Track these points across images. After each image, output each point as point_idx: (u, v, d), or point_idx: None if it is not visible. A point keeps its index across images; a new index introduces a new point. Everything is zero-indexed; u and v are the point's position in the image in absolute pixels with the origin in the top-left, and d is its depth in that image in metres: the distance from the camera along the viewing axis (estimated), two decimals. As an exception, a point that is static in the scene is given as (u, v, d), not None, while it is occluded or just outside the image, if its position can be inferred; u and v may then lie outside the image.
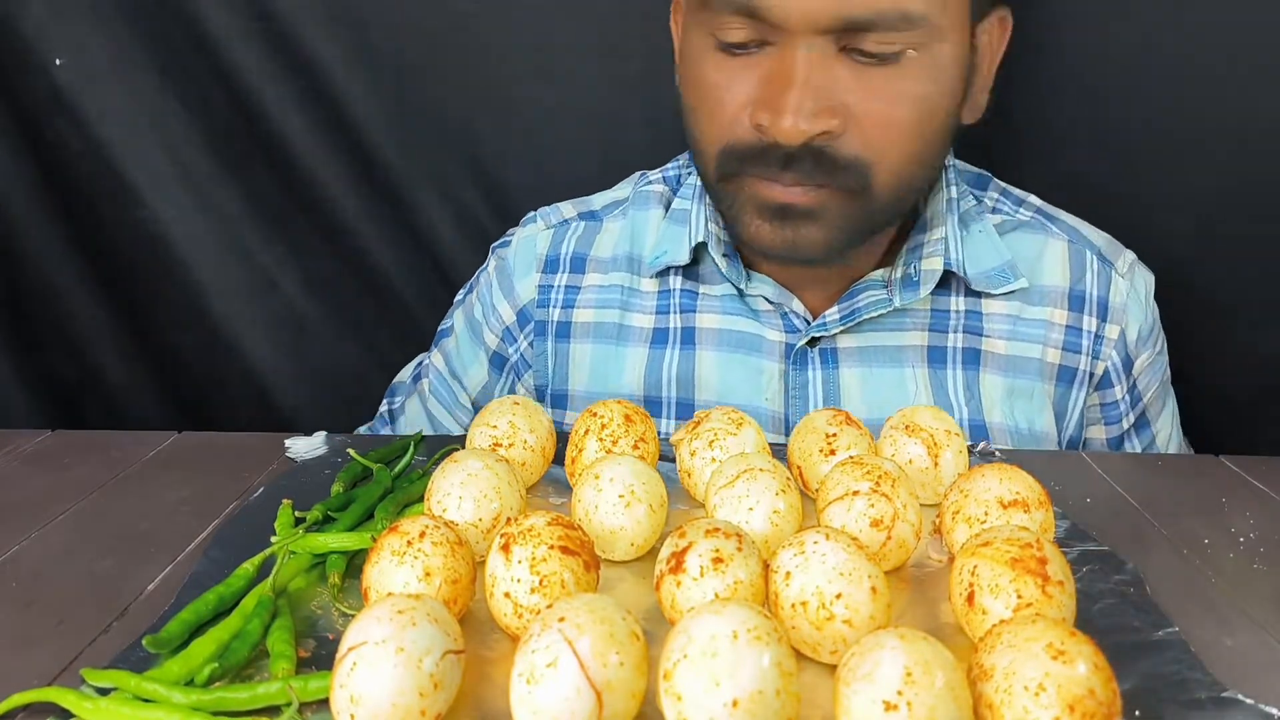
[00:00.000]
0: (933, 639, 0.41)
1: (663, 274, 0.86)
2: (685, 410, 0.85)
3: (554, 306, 0.88)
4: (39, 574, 0.56)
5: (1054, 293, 0.82)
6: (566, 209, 0.91)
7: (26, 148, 1.06)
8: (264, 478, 0.67)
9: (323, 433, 0.73)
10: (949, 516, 0.56)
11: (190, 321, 1.14)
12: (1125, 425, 0.85)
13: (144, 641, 0.46)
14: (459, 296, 0.95)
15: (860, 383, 0.82)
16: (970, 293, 0.82)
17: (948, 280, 0.81)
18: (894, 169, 0.72)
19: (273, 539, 0.57)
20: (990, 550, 0.48)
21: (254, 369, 1.15)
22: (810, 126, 0.68)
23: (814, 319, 0.82)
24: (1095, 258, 0.83)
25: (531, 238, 0.89)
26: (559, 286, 0.88)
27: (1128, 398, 0.84)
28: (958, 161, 0.86)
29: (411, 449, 0.69)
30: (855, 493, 0.54)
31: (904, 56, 0.68)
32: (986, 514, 0.54)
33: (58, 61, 1.03)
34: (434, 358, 0.94)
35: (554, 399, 0.89)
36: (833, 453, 0.62)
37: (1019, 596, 0.46)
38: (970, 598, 0.48)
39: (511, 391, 0.91)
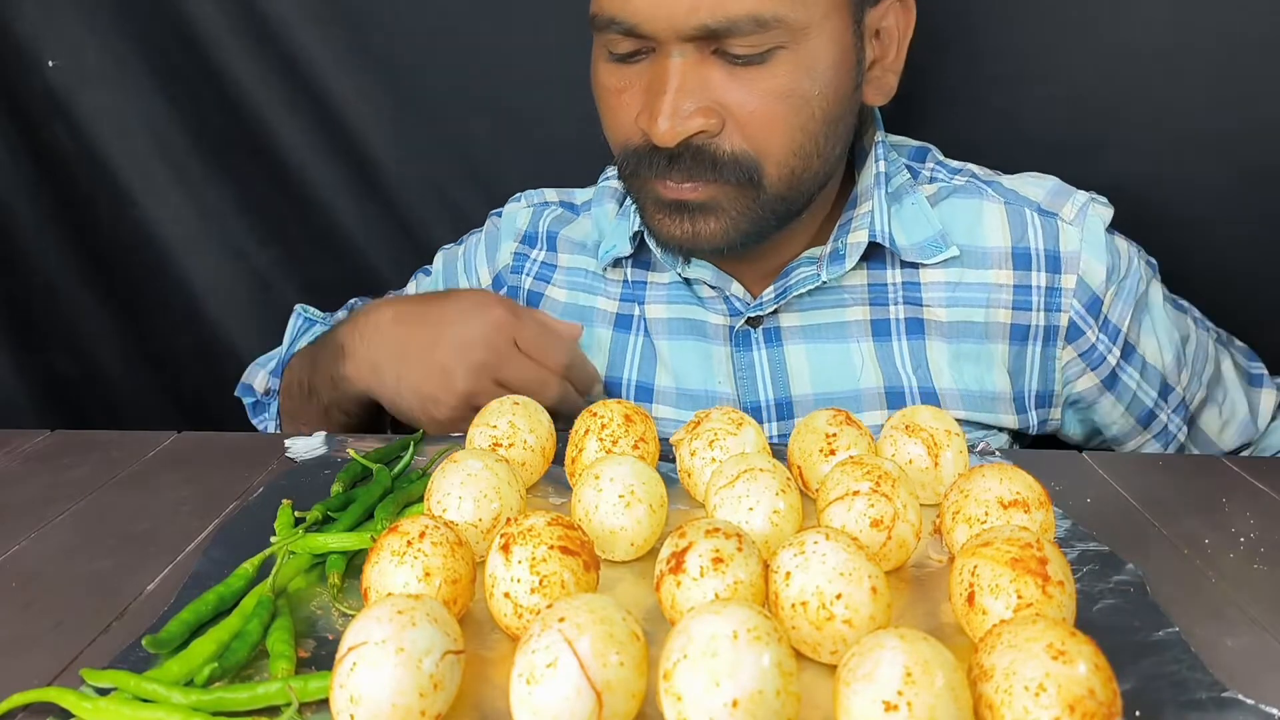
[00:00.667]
0: (933, 639, 0.40)
1: (618, 264, 0.90)
2: (644, 393, 0.88)
3: (527, 275, 0.94)
4: (39, 574, 0.56)
5: (995, 254, 0.82)
6: (550, 194, 0.97)
7: (23, 149, 1.06)
8: (264, 478, 0.67)
9: (322, 432, 0.73)
10: (949, 516, 0.56)
11: (187, 322, 1.14)
12: (1112, 361, 0.84)
13: (143, 642, 0.46)
14: (446, 247, 1.00)
15: (806, 360, 0.84)
16: (905, 264, 0.83)
17: (881, 254, 0.82)
18: (781, 160, 0.74)
19: (273, 539, 0.57)
20: (990, 550, 0.48)
21: None
22: (683, 128, 0.72)
23: (754, 300, 0.84)
24: (1035, 214, 0.82)
25: (514, 214, 0.96)
26: (534, 260, 0.94)
27: (1104, 336, 0.83)
28: (894, 136, 0.88)
29: (411, 449, 0.69)
30: (855, 493, 0.54)
31: (773, 55, 0.71)
32: (987, 514, 0.54)
33: (50, 64, 1.03)
34: (409, 289, 1.00)
35: None
36: (833, 453, 0.62)
37: (1019, 597, 0.46)
38: (970, 598, 0.48)
39: None
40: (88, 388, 1.15)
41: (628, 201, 0.88)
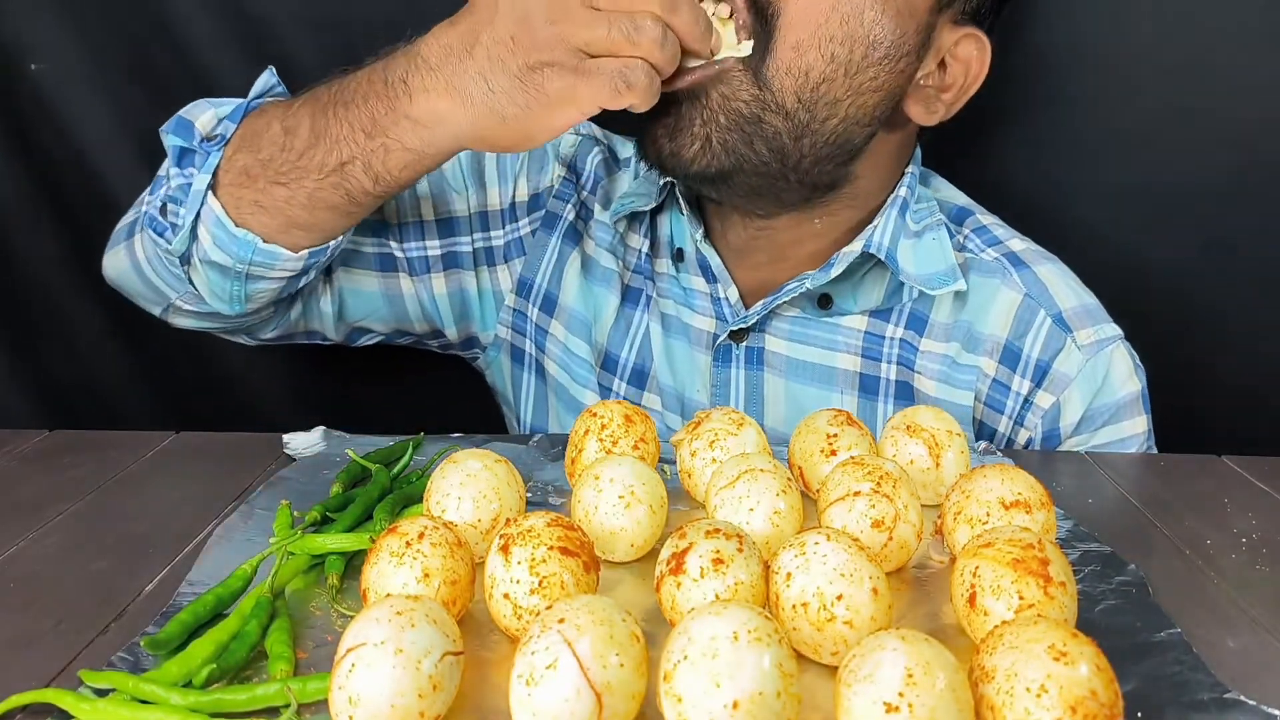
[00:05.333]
0: (934, 640, 0.40)
1: (635, 230, 0.86)
2: (637, 377, 0.85)
3: (571, 208, 0.88)
4: (37, 574, 0.56)
5: (989, 341, 0.78)
6: (596, 130, 0.91)
7: (13, 150, 1.06)
8: (263, 477, 0.67)
9: (321, 428, 0.73)
10: (950, 517, 0.56)
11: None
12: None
13: (142, 643, 0.46)
14: None
15: (784, 394, 0.81)
16: (909, 324, 0.79)
17: (887, 310, 0.79)
18: (798, 40, 0.68)
19: (271, 539, 0.57)
20: (992, 551, 0.48)
21: (248, 370, 1.14)
22: None
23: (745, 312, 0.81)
24: (1051, 320, 0.77)
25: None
26: (580, 197, 0.88)
27: (1040, 441, 0.79)
28: (944, 187, 0.85)
29: (410, 450, 0.69)
30: (856, 493, 0.54)
31: None
32: (988, 515, 0.54)
33: (33, 66, 1.02)
34: None
35: (544, 301, 0.89)
36: (834, 453, 0.62)
37: (1021, 597, 0.46)
38: (972, 599, 0.47)
39: (456, 261, 0.88)
40: (82, 389, 1.15)
41: None
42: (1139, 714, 0.43)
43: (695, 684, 0.39)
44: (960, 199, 0.85)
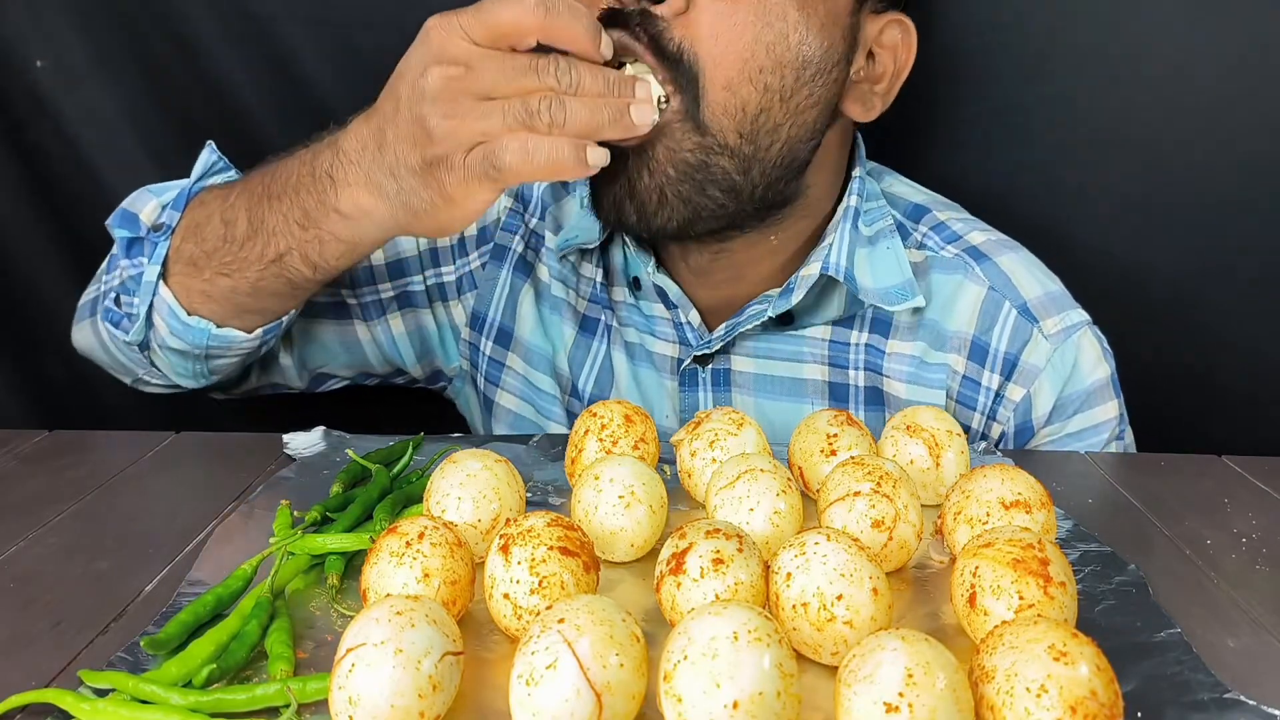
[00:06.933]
0: (934, 640, 0.40)
1: (589, 260, 0.85)
2: None
3: (520, 239, 0.88)
4: (37, 574, 0.56)
5: (956, 338, 0.78)
6: None
7: (11, 149, 1.05)
8: (263, 477, 0.67)
9: (320, 428, 0.73)
10: (950, 517, 0.56)
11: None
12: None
13: (142, 643, 0.46)
14: None
15: (755, 411, 0.80)
16: (873, 329, 0.79)
17: (850, 317, 0.78)
18: (731, 79, 0.67)
19: (271, 539, 0.57)
20: (992, 551, 0.48)
21: None
22: None
23: (708, 336, 0.81)
24: (1016, 311, 0.77)
25: None
26: (528, 226, 0.88)
27: (1012, 438, 0.78)
28: (898, 184, 0.84)
29: (410, 450, 0.69)
30: (856, 493, 0.54)
31: None
32: (988, 515, 0.54)
33: (38, 64, 1.02)
34: None
35: (498, 334, 0.88)
36: (834, 453, 0.62)
37: (1021, 598, 0.46)
38: (972, 599, 0.47)
39: (410, 301, 0.88)
40: (81, 389, 1.14)
41: None
42: (1139, 714, 0.43)
43: (695, 684, 0.39)
44: (916, 195, 0.84)
